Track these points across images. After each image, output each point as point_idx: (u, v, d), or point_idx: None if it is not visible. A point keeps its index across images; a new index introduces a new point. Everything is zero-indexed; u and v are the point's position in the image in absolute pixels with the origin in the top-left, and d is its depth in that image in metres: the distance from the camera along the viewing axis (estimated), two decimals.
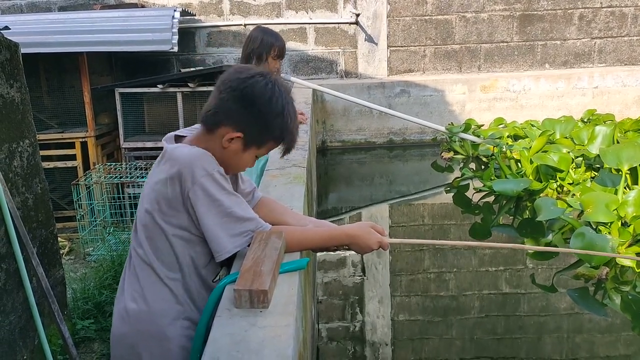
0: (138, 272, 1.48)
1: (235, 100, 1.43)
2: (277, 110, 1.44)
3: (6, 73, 2.81)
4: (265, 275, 1.26)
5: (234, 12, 6.39)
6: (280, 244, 1.41)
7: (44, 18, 5.48)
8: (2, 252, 2.67)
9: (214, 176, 1.38)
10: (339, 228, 1.62)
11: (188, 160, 1.38)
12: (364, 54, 6.56)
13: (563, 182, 4.18)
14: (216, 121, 1.45)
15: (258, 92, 1.42)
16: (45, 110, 5.66)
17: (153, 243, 1.45)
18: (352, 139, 6.51)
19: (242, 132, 1.43)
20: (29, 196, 2.99)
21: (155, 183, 1.43)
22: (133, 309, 1.47)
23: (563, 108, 6.50)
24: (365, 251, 1.59)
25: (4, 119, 2.77)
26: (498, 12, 6.56)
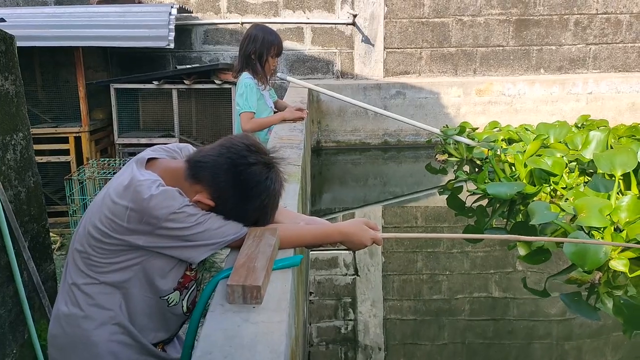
0: (72, 274, 1.43)
1: (227, 175, 1.39)
2: (259, 204, 1.42)
3: (1, 65, 2.79)
4: (258, 271, 1.25)
5: (231, 10, 6.38)
6: (274, 240, 1.41)
7: (39, 12, 5.44)
8: None
9: (179, 212, 1.34)
10: (332, 225, 1.61)
11: (149, 205, 1.32)
12: (361, 55, 6.57)
13: (557, 186, 4.20)
14: (200, 176, 1.40)
15: (253, 183, 1.39)
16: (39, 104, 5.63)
17: (97, 249, 1.39)
18: (347, 140, 6.51)
19: (215, 204, 1.40)
20: (22, 190, 2.97)
21: (114, 203, 1.36)
22: (64, 311, 1.44)
23: (557, 113, 6.54)
24: (359, 248, 1.59)
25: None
26: (494, 16, 6.58)
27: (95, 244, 1.39)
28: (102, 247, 1.38)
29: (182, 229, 1.35)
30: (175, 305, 1.49)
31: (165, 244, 1.37)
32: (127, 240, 1.36)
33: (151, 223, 1.33)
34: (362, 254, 3.73)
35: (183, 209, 1.35)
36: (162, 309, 1.48)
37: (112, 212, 1.35)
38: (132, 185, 1.36)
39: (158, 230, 1.34)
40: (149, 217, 1.32)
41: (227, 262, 1.45)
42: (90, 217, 1.41)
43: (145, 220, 1.33)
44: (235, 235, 1.42)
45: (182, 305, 1.51)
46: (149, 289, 1.44)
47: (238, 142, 1.43)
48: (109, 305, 1.42)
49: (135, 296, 1.43)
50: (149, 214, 1.32)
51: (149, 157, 1.49)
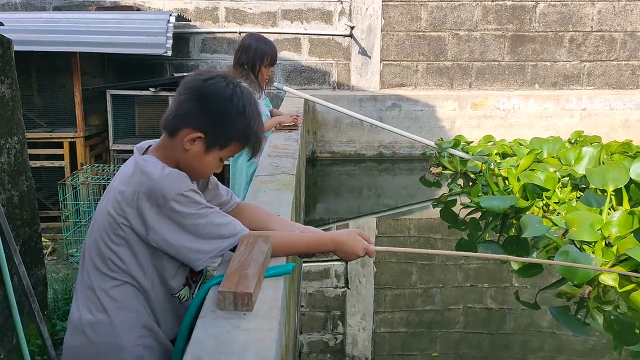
0: (93, 279, 1.43)
1: (194, 101, 1.41)
2: (238, 109, 1.42)
3: None
4: (250, 279, 1.26)
5: (229, 19, 6.42)
6: (267, 247, 1.41)
7: (37, 17, 5.47)
8: None
9: (186, 194, 1.36)
10: (325, 234, 1.63)
11: (158, 182, 1.36)
12: (357, 67, 6.61)
13: (549, 200, 4.22)
14: (176, 124, 1.42)
15: (217, 91, 1.41)
16: (35, 108, 5.64)
17: (114, 247, 1.40)
18: (342, 151, 6.53)
19: (203, 132, 1.41)
20: (15, 193, 2.96)
21: (122, 192, 1.39)
22: (89, 319, 1.43)
23: (551, 128, 6.58)
24: (351, 258, 1.59)
25: None
26: (490, 31, 6.65)
27: (111, 241, 1.40)
28: (118, 242, 1.40)
29: (185, 215, 1.36)
30: (186, 300, 1.51)
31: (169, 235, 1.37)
32: (137, 230, 1.38)
33: (159, 203, 1.35)
34: (354, 265, 3.73)
35: (189, 193, 1.38)
36: (176, 306, 1.50)
37: (121, 201, 1.38)
38: (137, 171, 1.40)
39: (164, 211, 1.35)
40: (157, 196, 1.35)
41: (219, 268, 1.46)
42: (100, 216, 1.44)
43: (153, 199, 1.35)
44: (235, 238, 1.43)
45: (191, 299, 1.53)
46: (163, 288, 1.46)
47: (187, 77, 1.49)
48: (135, 307, 1.43)
49: (153, 296, 1.45)
50: (156, 192, 1.35)
51: (147, 145, 1.53)
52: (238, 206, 1.72)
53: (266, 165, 2.66)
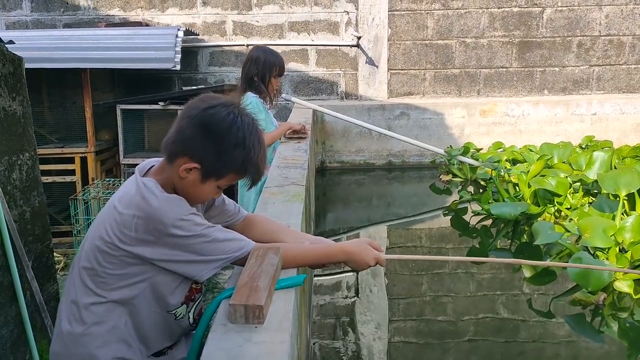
0: (77, 293, 1.42)
1: (193, 129, 1.38)
2: (237, 140, 1.38)
3: (9, 86, 2.83)
4: (261, 291, 1.26)
5: (236, 32, 6.47)
6: (277, 260, 1.41)
7: (48, 34, 5.54)
8: None
9: (186, 219, 1.36)
10: (335, 244, 1.62)
11: (157, 209, 1.35)
12: (365, 76, 6.62)
13: (561, 206, 4.18)
14: (174, 151, 1.41)
15: (217, 121, 1.38)
16: (46, 125, 5.69)
17: (106, 264, 1.39)
18: (351, 160, 6.53)
19: (199, 162, 1.39)
20: (27, 209, 2.99)
21: (121, 214, 1.38)
22: (67, 330, 1.43)
23: (561, 134, 6.54)
24: (362, 267, 1.59)
25: (4, 132, 2.78)
26: (497, 38, 6.64)
27: (103, 258, 1.39)
28: (110, 260, 1.39)
29: (188, 238, 1.36)
30: (182, 318, 1.50)
31: (171, 256, 1.37)
32: (135, 253, 1.37)
33: (158, 230, 1.34)
34: (365, 275, 3.72)
35: (189, 216, 1.37)
36: (169, 322, 1.49)
37: (120, 223, 1.37)
38: (138, 194, 1.38)
39: (165, 238, 1.35)
40: (155, 224, 1.34)
41: (229, 281, 1.46)
42: (96, 231, 1.42)
43: (152, 227, 1.34)
44: (241, 252, 1.43)
45: (189, 317, 1.53)
46: (157, 305, 1.45)
47: (189, 102, 1.46)
48: (114, 323, 1.42)
49: (142, 312, 1.44)
50: (156, 220, 1.34)
51: (149, 166, 1.52)
52: (246, 219, 1.72)
53: (275, 176, 2.67)
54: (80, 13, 6.40)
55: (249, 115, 1.45)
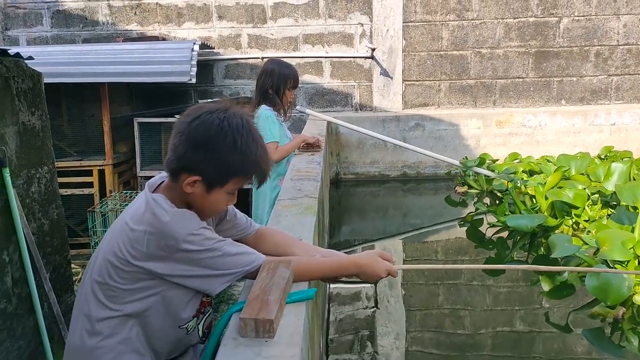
0: (90, 307, 1.43)
1: (184, 145, 1.39)
2: (228, 146, 1.38)
3: (28, 101, 2.89)
4: (272, 305, 1.26)
5: (251, 45, 6.53)
6: (288, 273, 1.41)
7: (68, 49, 5.64)
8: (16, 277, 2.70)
9: (195, 234, 1.37)
10: (347, 257, 1.62)
11: (167, 225, 1.36)
12: (379, 88, 6.63)
13: (579, 219, 4.12)
14: (175, 169, 1.42)
15: (203, 131, 1.38)
16: (65, 138, 5.79)
17: (118, 279, 1.40)
18: (366, 172, 6.53)
19: (199, 175, 1.39)
20: (45, 222, 3.03)
21: (132, 230, 1.39)
22: (80, 343, 1.44)
23: (580, 144, 6.47)
24: (375, 280, 1.58)
25: (23, 146, 2.84)
26: (513, 48, 6.61)
27: (115, 273, 1.40)
28: (122, 276, 1.40)
29: (199, 252, 1.37)
30: (193, 331, 1.51)
31: (183, 271, 1.38)
32: (147, 268, 1.38)
33: (169, 245, 1.35)
34: (382, 286, 3.70)
35: (200, 231, 1.38)
36: (180, 336, 1.50)
37: (132, 239, 1.38)
38: (148, 211, 1.40)
39: (176, 253, 1.36)
40: (167, 239, 1.35)
41: (241, 294, 1.46)
42: (108, 246, 1.43)
43: (163, 243, 1.35)
44: (252, 266, 1.44)
45: (198, 330, 1.53)
46: (169, 319, 1.45)
47: (179, 118, 1.47)
48: (126, 334, 1.43)
49: (153, 325, 1.44)
50: (167, 235, 1.35)
51: (160, 181, 1.53)
52: (258, 232, 1.73)
53: (289, 188, 2.67)
54: (98, 28, 6.52)
55: (237, 115, 1.43)
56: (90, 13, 6.50)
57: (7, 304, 2.61)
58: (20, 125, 2.81)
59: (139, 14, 6.49)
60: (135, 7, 6.47)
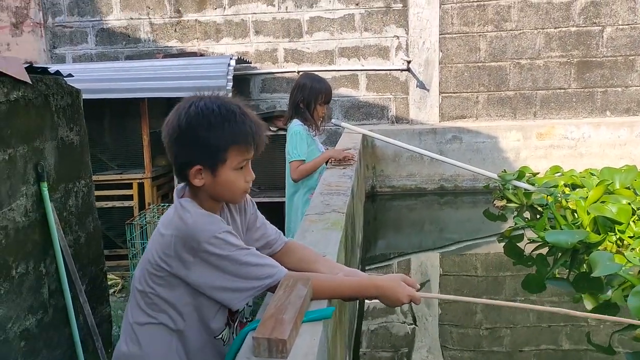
0: (133, 314, 1.49)
1: (172, 147, 1.46)
2: (204, 126, 1.41)
3: (67, 117, 2.98)
4: (286, 324, 1.24)
5: (287, 59, 6.60)
6: (305, 291, 1.39)
7: (110, 66, 5.83)
8: (52, 288, 2.77)
9: (219, 237, 1.39)
10: (368, 279, 1.59)
11: (191, 227, 1.39)
12: (416, 100, 6.57)
13: (623, 235, 3.94)
14: (180, 172, 1.48)
15: (176, 126, 1.44)
16: (107, 151, 5.96)
17: (154, 286, 1.45)
18: (402, 185, 6.45)
19: (197, 164, 1.44)
20: (82, 234, 3.12)
21: (162, 235, 1.44)
22: (124, 351, 1.49)
23: (626, 157, 6.22)
24: (395, 304, 1.55)
25: (62, 160, 2.93)
26: (554, 58, 6.45)
27: (151, 280, 1.45)
28: (157, 282, 1.44)
29: (220, 258, 1.38)
30: (228, 341, 1.52)
31: (205, 278, 1.39)
32: (175, 273, 1.41)
33: (193, 247, 1.38)
34: (415, 305, 3.60)
35: (223, 234, 1.40)
36: (219, 348, 1.51)
37: (162, 244, 1.43)
38: (175, 215, 1.45)
39: (200, 254, 1.38)
40: (191, 241, 1.38)
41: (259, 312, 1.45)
42: (146, 254, 1.49)
43: (188, 245, 1.38)
44: (272, 279, 1.43)
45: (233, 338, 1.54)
46: (205, 331, 1.48)
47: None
48: (167, 345, 1.46)
49: (192, 339, 1.47)
50: (191, 237, 1.38)
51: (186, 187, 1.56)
52: (286, 246, 1.73)
53: (317, 203, 2.66)
54: (140, 45, 6.72)
55: (202, 99, 1.46)
56: (132, 30, 6.71)
57: (43, 314, 2.68)
58: (59, 140, 2.90)
59: (179, 31, 6.66)
60: (175, 24, 6.64)
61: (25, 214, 2.56)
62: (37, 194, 2.68)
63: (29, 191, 2.58)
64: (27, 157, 2.59)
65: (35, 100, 2.71)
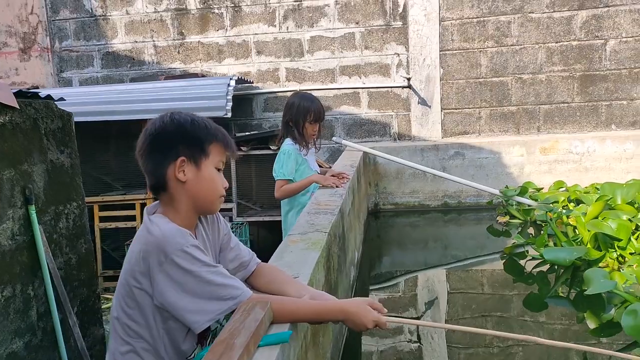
0: (115, 342, 1.48)
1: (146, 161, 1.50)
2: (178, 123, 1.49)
3: (57, 140, 3.02)
4: (236, 349, 1.23)
5: (289, 79, 6.65)
6: (262, 315, 1.38)
7: (114, 89, 5.91)
8: (41, 311, 2.79)
9: (187, 250, 1.38)
10: (334, 302, 1.57)
11: (159, 239, 1.39)
12: (417, 117, 6.56)
13: (623, 251, 3.86)
14: (158, 179, 1.49)
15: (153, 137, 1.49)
16: (112, 172, 6.02)
17: (127, 310, 1.45)
18: (405, 202, 6.41)
19: (181, 155, 1.47)
20: (73, 257, 3.13)
21: (132, 252, 1.44)
22: None
23: (633, 171, 6.11)
24: (360, 329, 1.53)
25: (52, 183, 2.96)
26: (557, 73, 6.41)
27: (125, 303, 1.44)
28: (129, 304, 1.43)
29: (185, 272, 1.37)
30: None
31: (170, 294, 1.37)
32: (146, 290, 1.40)
33: (160, 260, 1.37)
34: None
35: (191, 249, 1.39)
36: None
37: (131, 262, 1.43)
38: (144, 229, 1.45)
39: (165, 266, 1.36)
40: (158, 252, 1.37)
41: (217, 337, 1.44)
42: (119, 279, 1.49)
43: (155, 256, 1.37)
44: (235, 302, 1.42)
45: None
46: (176, 353, 1.46)
47: None
48: None
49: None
50: (158, 248, 1.37)
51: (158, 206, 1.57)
52: (257, 267, 1.72)
53: (302, 223, 2.65)
54: (144, 67, 6.83)
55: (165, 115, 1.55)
56: (137, 53, 6.83)
57: (31, 337, 2.69)
58: (48, 163, 2.94)
59: (182, 53, 6.76)
60: (178, 46, 6.75)
61: (12, 237, 2.59)
62: (25, 217, 2.71)
63: (16, 214, 2.61)
64: (15, 180, 2.62)
65: (24, 124, 2.75)
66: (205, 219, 1.63)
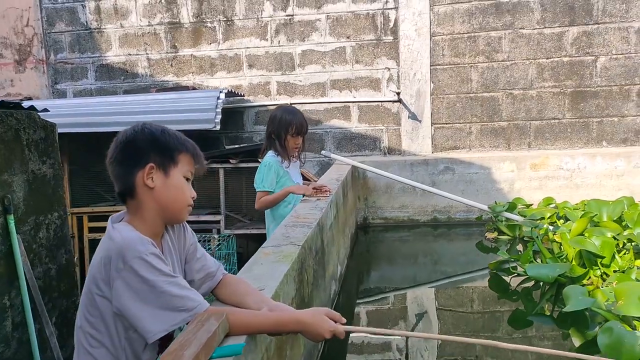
0: (76, 350, 1.49)
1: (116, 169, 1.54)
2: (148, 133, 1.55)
3: (39, 151, 3.04)
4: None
5: (280, 92, 6.69)
6: (215, 326, 1.38)
7: (106, 100, 5.96)
8: (16, 321, 2.78)
9: (146, 259, 1.38)
10: (289, 314, 1.57)
11: (119, 245, 1.39)
12: (408, 131, 6.59)
13: (607, 269, 3.85)
14: (126, 185, 1.52)
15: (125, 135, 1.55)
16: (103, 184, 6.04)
17: (90, 318, 1.45)
18: (394, 216, 6.41)
19: (149, 162, 1.50)
20: (52, 267, 3.14)
21: (94, 259, 1.45)
22: None
23: (624, 188, 6.13)
24: (317, 339, 1.53)
25: (33, 193, 2.97)
26: (548, 89, 6.45)
27: (87, 312, 1.44)
28: (93, 314, 1.43)
29: (142, 280, 1.37)
30: None
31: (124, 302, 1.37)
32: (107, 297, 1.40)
33: (118, 266, 1.37)
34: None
35: (150, 257, 1.39)
36: None
37: (92, 270, 1.43)
38: (106, 237, 1.46)
39: (123, 273, 1.36)
40: (117, 258, 1.37)
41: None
42: (83, 290, 1.49)
43: (114, 262, 1.37)
44: (190, 314, 1.42)
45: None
46: None
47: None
48: None
49: None
50: (118, 254, 1.38)
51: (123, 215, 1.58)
52: (222, 279, 1.72)
53: (278, 236, 2.66)
54: (138, 80, 6.88)
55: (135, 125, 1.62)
56: (130, 66, 6.88)
57: (5, 348, 2.68)
58: (29, 173, 2.95)
59: (175, 66, 6.81)
60: (171, 59, 6.80)
61: None
62: (4, 226, 2.72)
63: None
64: None
65: (5, 134, 2.77)
66: (172, 228, 1.64)
